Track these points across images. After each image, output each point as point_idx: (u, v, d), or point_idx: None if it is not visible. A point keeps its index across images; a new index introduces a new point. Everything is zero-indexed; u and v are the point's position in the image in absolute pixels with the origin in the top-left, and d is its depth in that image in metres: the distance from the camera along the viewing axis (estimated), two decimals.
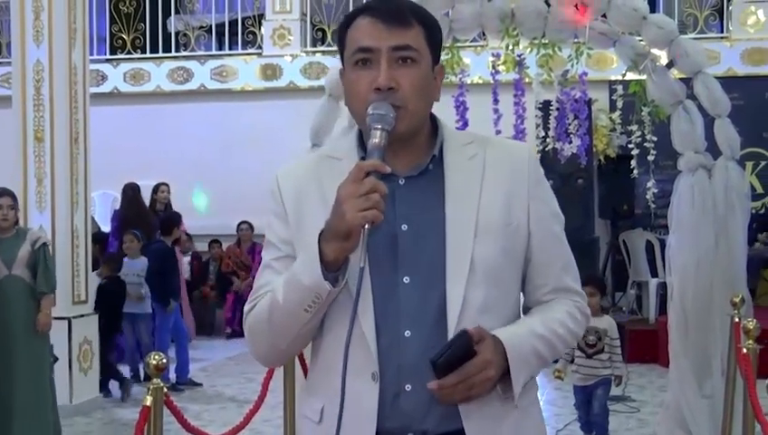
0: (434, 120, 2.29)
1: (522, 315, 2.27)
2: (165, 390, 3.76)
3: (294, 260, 2.19)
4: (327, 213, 2.09)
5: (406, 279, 2.14)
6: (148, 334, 9.94)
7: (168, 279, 9.85)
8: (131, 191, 11.87)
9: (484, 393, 2.10)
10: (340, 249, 2.04)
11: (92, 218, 12.12)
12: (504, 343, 2.10)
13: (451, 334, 2.10)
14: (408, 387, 2.12)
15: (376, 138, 2.09)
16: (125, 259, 9.98)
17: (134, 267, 9.92)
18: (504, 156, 2.25)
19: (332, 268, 2.06)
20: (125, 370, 9.73)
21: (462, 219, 2.16)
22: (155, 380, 3.71)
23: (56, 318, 7.61)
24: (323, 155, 2.34)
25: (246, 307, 2.27)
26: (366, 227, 2.01)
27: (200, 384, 9.79)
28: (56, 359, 7.34)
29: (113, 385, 9.22)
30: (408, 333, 2.13)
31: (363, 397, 2.11)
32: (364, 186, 2.00)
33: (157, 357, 3.69)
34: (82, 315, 8.60)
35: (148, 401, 3.69)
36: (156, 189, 12.90)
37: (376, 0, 2.25)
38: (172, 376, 9.43)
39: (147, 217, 11.53)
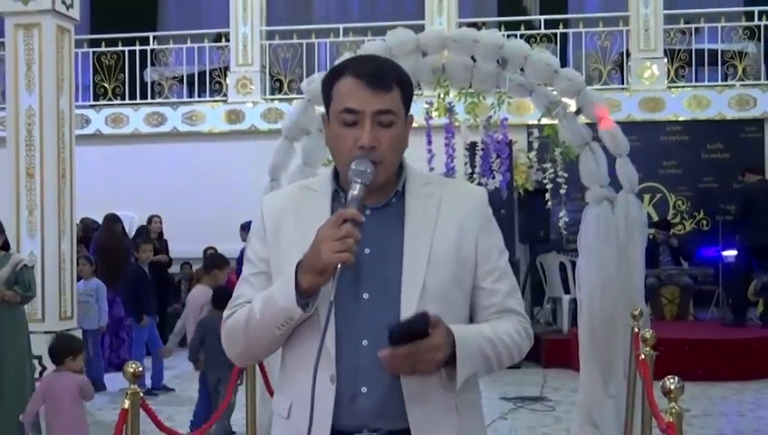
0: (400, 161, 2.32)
1: None
2: (141, 394, 3.72)
3: (269, 276, 2.24)
4: (301, 236, 2.16)
5: (365, 295, 2.16)
6: (96, 348, 9.82)
7: (141, 297, 9.74)
8: (108, 221, 11.61)
9: (426, 373, 2.10)
10: (314, 281, 2.08)
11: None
12: (455, 335, 2.09)
13: None
14: (363, 389, 2.13)
15: (355, 190, 2.12)
16: (80, 280, 9.82)
17: (88, 288, 9.76)
18: (458, 196, 2.28)
19: (305, 296, 2.09)
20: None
21: (417, 247, 2.18)
22: (132, 386, 3.68)
23: (45, 332, 7.59)
24: (303, 186, 2.36)
25: (225, 313, 2.28)
26: (339, 266, 2.04)
27: (173, 389, 9.68)
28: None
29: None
30: (365, 342, 2.14)
31: (321, 396, 2.12)
32: (341, 231, 2.03)
33: (133, 366, 3.67)
34: (68, 329, 8.50)
35: (126, 404, 3.66)
36: (150, 220, 12.79)
37: (361, 59, 2.28)
38: (148, 382, 9.31)
39: (122, 244, 11.31)
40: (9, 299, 6.87)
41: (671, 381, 2.89)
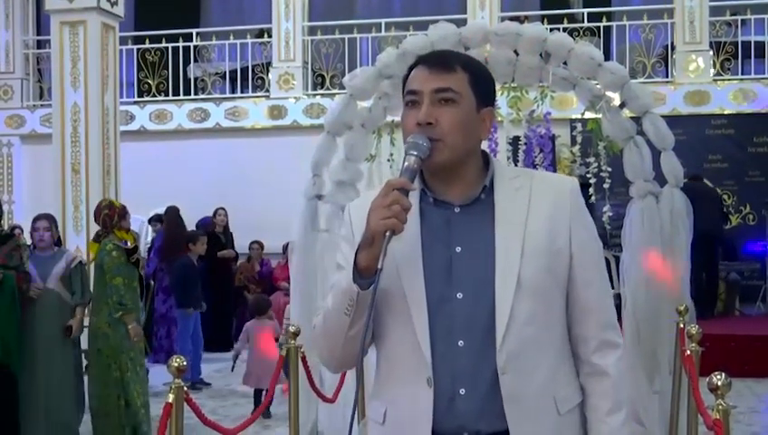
0: (486, 156, 2.27)
1: (567, 335, 2.23)
2: (185, 388, 3.74)
3: None
4: None
5: (459, 295, 2.11)
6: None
7: (189, 289, 9.72)
8: (174, 214, 11.46)
9: None
10: (368, 254, 2.04)
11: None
12: None
13: (499, 343, 2.08)
14: (462, 391, 2.09)
15: (408, 161, 2.09)
16: None
17: None
18: (547, 187, 2.23)
19: (366, 276, 2.05)
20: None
21: (510, 242, 2.13)
22: (176, 380, 3.70)
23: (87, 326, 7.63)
24: None
25: (313, 322, 2.27)
26: (387, 234, 2.01)
27: (209, 384, 9.64)
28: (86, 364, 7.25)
29: None
30: (461, 343, 2.10)
31: (419, 400, 2.10)
32: (388, 198, 2.01)
33: (178, 360, 3.68)
34: None
35: (171, 398, 3.67)
36: (215, 214, 12.68)
37: (433, 51, 2.31)
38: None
39: (184, 236, 11.21)
40: (76, 333, 6.91)
41: (718, 377, 2.84)
